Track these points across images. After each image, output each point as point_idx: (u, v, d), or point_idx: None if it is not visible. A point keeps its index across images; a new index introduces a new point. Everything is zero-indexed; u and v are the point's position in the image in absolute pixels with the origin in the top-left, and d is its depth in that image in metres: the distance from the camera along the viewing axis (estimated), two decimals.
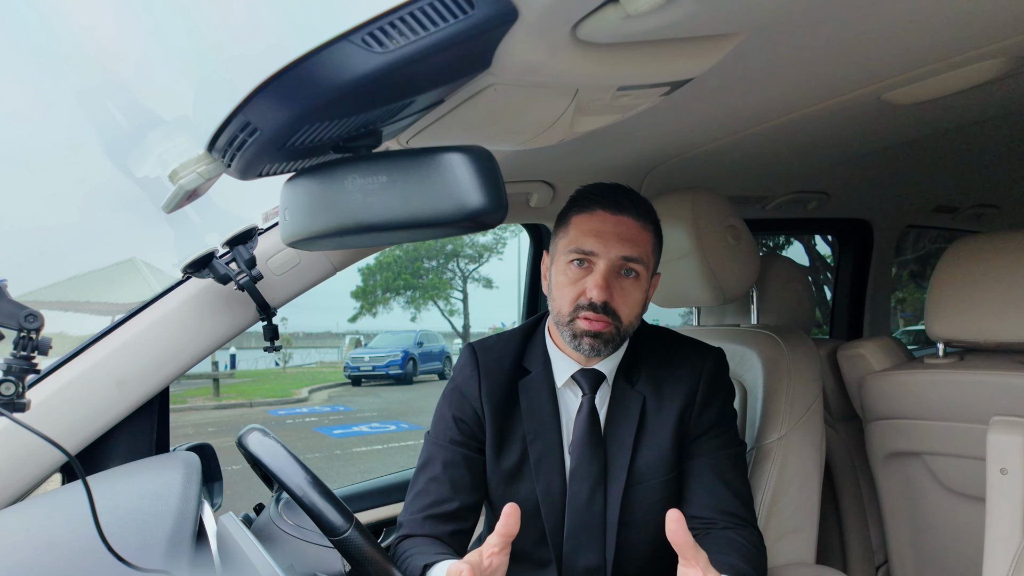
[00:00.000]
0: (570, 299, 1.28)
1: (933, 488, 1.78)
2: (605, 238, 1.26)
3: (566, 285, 1.29)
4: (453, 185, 0.75)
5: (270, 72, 0.71)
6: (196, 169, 0.89)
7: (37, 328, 1.01)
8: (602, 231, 1.27)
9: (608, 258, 1.26)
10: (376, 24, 0.69)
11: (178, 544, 1.05)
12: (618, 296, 1.27)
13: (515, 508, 1.02)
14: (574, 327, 1.28)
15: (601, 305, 1.25)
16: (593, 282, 1.26)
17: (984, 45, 1.13)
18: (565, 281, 1.29)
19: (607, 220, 1.27)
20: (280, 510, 1.35)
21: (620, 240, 1.26)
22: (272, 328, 1.42)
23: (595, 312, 1.26)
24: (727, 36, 0.92)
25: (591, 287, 1.26)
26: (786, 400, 1.61)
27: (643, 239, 1.29)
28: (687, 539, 0.99)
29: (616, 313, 1.27)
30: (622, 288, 1.28)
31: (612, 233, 1.27)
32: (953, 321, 1.59)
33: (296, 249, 1.40)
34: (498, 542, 1.02)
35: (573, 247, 1.28)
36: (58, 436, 1.02)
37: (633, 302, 1.29)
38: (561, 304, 1.30)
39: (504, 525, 1.02)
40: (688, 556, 1.00)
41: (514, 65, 0.84)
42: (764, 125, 1.47)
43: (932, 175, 2.38)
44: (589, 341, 1.27)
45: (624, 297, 1.28)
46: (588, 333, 1.27)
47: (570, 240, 1.30)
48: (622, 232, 1.27)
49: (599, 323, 1.26)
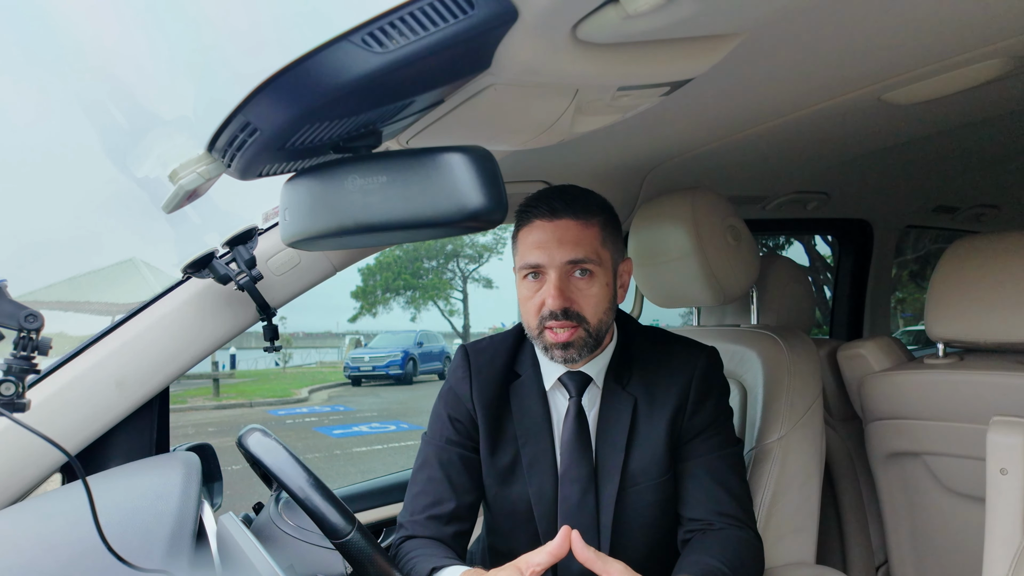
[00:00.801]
0: (533, 312, 1.28)
1: (933, 488, 1.78)
2: (547, 247, 1.26)
3: (527, 300, 1.30)
4: (453, 185, 0.75)
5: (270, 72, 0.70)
6: (196, 169, 0.89)
7: (37, 328, 1.01)
8: (542, 241, 1.26)
9: (554, 266, 1.26)
10: (376, 24, 0.68)
11: (178, 544, 1.04)
12: (578, 298, 1.26)
13: (568, 531, 1.05)
14: (543, 340, 1.28)
15: (561, 312, 1.25)
16: (547, 292, 1.26)
17: (984, 45, 1.12)
18: (525, 296, 1.30)
19: (545, 228, 1.27)
20: (280, 509, 1.35)
21: (561, 245, 1.25)
22: (272, 328, 1.42)
23: (557, 320, 1.25)
24: (727, 36, 0.92)
25: (546, 297, 1.26)
26: (786, 400, 1.61)
27: (587, 236, 1.27)
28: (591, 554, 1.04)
29: (580, 315, 1.26)
30: (579, 289, 1.27)
31: (552, 240, 1.26)
32: (953, 321, 1.59)
33: (296, 249, 1.40)
34: (544, 561, 1.04)
35: (522, 263, 1.29)
36: (58, 436, 1.02)
37: (595, 300, 1.28)
38: (528, 318, 1.31)
39: (558, 547, 1.04)
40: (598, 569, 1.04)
41: (514, 65, 0.83)
42: (764, 125, 1.47)
43: (932, 175, 2.38)
44: (560, 353, 1.27)
45: (584, 297, 1.27)
46: (556, 345, 1.27)
47: (519, 257, 1.31)
48: (561, 236, 1.26)
49: (564, 331, 1.26)
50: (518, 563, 1.06)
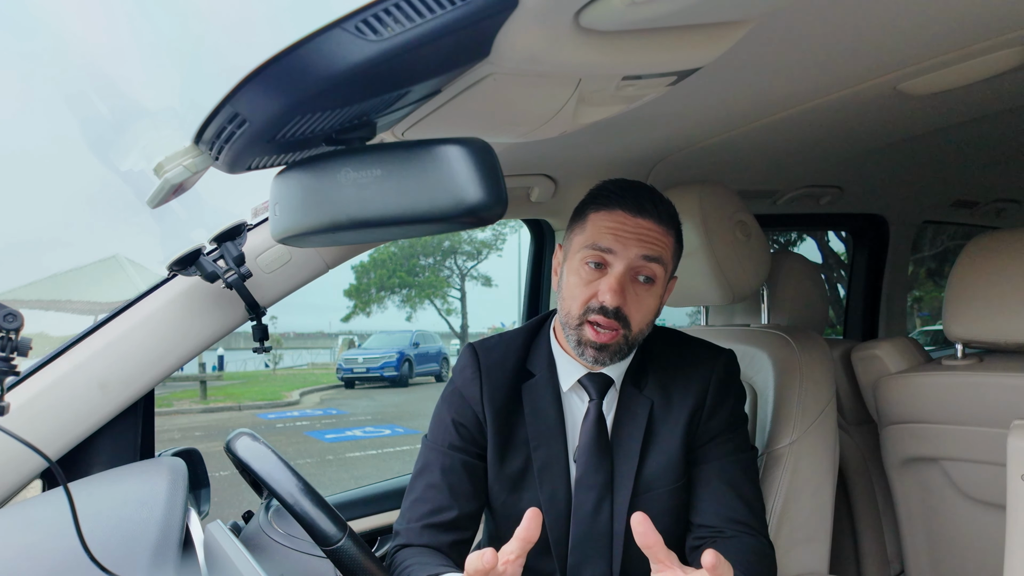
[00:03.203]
0: (581, 301, 1.24)
1: (951, 495, 1.77)
2: (624, 238, 1.23)
3: (578, 286, 1.25)
4: (450, 179, 0.74)
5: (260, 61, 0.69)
6: (182, 162, 0.88)
7: (17, 328, 0.99)
8: (621, 230, 1.23)
9: (626, 258, 1.22)
10: (371, 11, 0.67)
11: (163, 553, 1.04)
12: (632, 302, 1.23)
13: (537, 513, 0.99)
14: (581, 333, 1.24)
15: (613, 310, 1.21)
16: (607, 285, 1.21)
17: (1002, 34, 1.11)
18: (577, 281, 1.25)
19: (627, 221, 1.24)
20: (270, 518, 1.34)
21: (639, 240, 1.23)
22: (262, 328, 1.41)
23: (605, 317, 1.21)
24: (737, 23, 0.90)
25: (604, 290, 1.21)
26: (798, 403, 1.59)
27: (663, 243, 1.26)
28: (656, 540, 0.96)
29: (627, 320, 1.23)
30: (636, 294, 1.24)
31: (632, 233, 1.23)
32: (972, 321, 1.57)
33: (287, 246, 1.38)
34: (516, 548, 0.99)
35: (589, 243, 1.25)
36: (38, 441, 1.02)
37: (646, 309, 1.26)
38: (571, 305, 1.26)
39: (525, 530, 0.98)
40: (660, 558, 0.97)
41: (514, 54, 0.82)
42: (775, 116, 1.46)
43: (950, 169, 2.36)
44: (593, 353, 1.24)
45: (638, 304, 1.24)
46: (593, 345, 1.23)
47: (587, 237, 1.26)
48: (642, 234, 1.24)
49: (607, 333, 1.22)
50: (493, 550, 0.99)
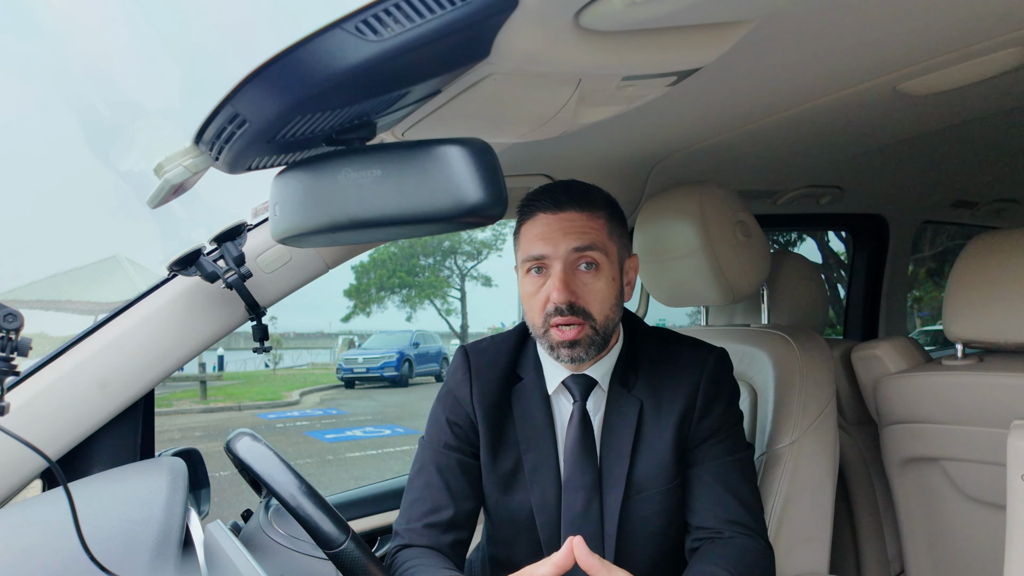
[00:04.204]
0: (538, 309, 1.26)
1: (952, 495, 1.76)
2: (551, 238, 1.24)
3: (531, 296, 1.27)
4: (450, 179, 0.74)
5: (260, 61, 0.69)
6: (183, 162, 0.89)
7: (17, 328, 0.99)
8: (546, 233, 1.25)
9: (559, 256, 1.23)
10: (371, 11, 0.67)
11: (163, 553, 1.04)
12: (583, 293, 1.24)
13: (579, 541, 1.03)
14: (549, 338, 1.25)
15: (567, 307, 1.22)
16: (552, 285, 1.23)
17: (1002, 34, 1.11)
18: (529, 292, 1.27)
19: (549, 220, 1.25)
20: (269, 517, 1.34)
21: (566, 235, 1.24)
22: (262, 328, 1.41)
23: (563, 316, 1.22)
24: (736, 24, 0.90)
25: (551, 291, 1.23)
26: (798, 403, 1.58)
27: (593, 227, 1.26)
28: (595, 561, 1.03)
29: (586, 311, 1.23)
30: (584, 283, 1.24)
31: (557, 231, 1.24)
32: (972, 321, 1.57)
33: (287, 246, 1.39)
34: (549, 573, 1.03)
35: (525, 256, 1.27)
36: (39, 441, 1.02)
37: (601, 296, 1.25)
38: (532, 316, 1.28)
39: (563, 558, 1.03)
40: None
41: (514, 54, 0.82)
42: (775, 116, 1.45)
43: (950, 169, 2.36)
44: (567, 352, 1.24)
45: (590, 292, 1.24)
46: (563, 344, 1.24)
47: (522, 250, 1.28)
48: (567, 227, 1.24)
49: (571, 329, 1.23)
50: (523, 573, 1.05)
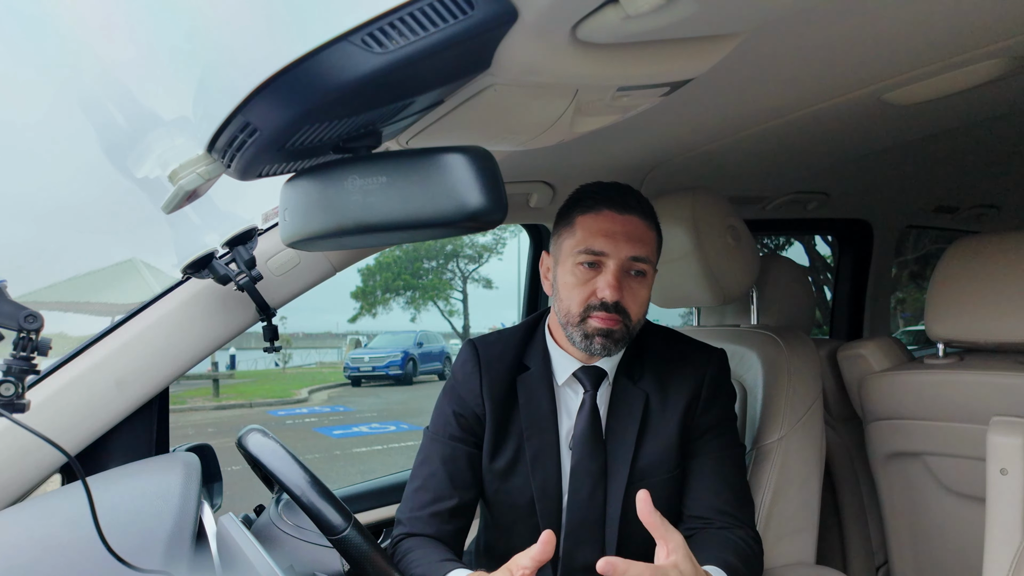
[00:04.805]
0: (580, 300, 1.28)
1: (933, 489, 1.78)
2: (614, 238, 1.27)
3: (575, 286, 1.29)
4: (453, 185, 0.76)
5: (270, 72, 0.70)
6: (196, 170, 0.89)
7: (37, 329, 1.01)
8: (611, 231, 1.27)
9: (618, 258, 1.27)
10: (376, 25, 0.68)
11: (178, 545, 1.05)
12: (628, 295, 1.28)
13: (551, 535, 1.03)
14: (586, 327, 1.28)
15: (613, 304, 1.26)
16: (605, 282, 1.26)
17: (985, 45, 1.12)
18: (574, 282, 1.29)
19: (615, 220, 1.28)
20: (280, 511, 1.35)
21: (629, 240, 1.27)
22: (272, 328, 1.42)
23: (607, 312, 1.26)
24: (727, 37, 0.92)
25: (603, 287, 1.26)
26: (786, 401, 1.61)
27: (649, 238, 1.31)
28: (656, 519, 1.02)
29: (627, 312, 1.28)
30: (631, 288, 1.29)
31: (621, 233, 1.27)
32: (953, 321, 1.59)
33: (296, 250, 1.40)
34: (530, 565, 1.03)
35: (582, 247, 1.28)
36: (58, 437, 1.02)
37: (641, 301, 1.31)
38: (570, 305, 1.29)
39: (541, 552, 1.03)
40: (660, 535, 1.03)
41: (514, 65, 0.83)
42: (764, 125, 1.47)
43: (932, 175, 2.38)
44: (601, 340, 1.27)
45: (633, 296, 1.29)
46: (601, 332, 1.27)
47: (577, 241, 1.29)
48: (630, 232, 1.28)
49: (611, 321, 1.27)
50: (509, 564, 1.07)
